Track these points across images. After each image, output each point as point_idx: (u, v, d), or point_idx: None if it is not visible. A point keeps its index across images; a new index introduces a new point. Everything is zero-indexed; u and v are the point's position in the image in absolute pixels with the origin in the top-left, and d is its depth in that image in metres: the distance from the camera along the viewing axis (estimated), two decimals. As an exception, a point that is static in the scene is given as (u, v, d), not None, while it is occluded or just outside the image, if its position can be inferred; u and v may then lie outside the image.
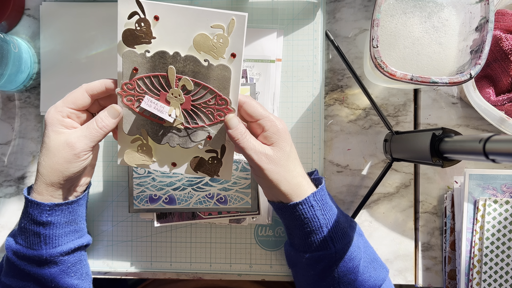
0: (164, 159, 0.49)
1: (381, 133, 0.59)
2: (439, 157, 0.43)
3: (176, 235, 0.60)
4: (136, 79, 0.45)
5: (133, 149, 0.48)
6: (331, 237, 0.46)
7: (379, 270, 0.50)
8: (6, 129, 0.62)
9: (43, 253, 0.48)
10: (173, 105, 0.45)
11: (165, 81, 0.45)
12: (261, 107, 0.46)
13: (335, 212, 0.48)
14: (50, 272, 0.49)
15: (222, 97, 0.45)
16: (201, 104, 0.45)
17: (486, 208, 0.54)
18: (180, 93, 0.45)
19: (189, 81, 0.44)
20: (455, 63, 0.49)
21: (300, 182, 0.46)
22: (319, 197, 0.46)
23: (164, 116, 0.45)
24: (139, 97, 0.45)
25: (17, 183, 0.62)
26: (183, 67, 0.44)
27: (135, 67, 0.44)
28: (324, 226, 0.46)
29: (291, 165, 0.46)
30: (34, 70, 0.60)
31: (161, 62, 0.44)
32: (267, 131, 0.45)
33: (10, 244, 0.49)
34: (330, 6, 0.60)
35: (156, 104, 0.45)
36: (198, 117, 0.46)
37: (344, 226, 0.48)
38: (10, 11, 0.58)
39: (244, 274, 0.60)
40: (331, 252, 0.47)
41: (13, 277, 0.49)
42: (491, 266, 0.54)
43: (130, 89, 0.45)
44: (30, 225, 0.47)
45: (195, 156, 0.48)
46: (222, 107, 0.45)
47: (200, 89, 0.45)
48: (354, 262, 0.47)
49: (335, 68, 0.60)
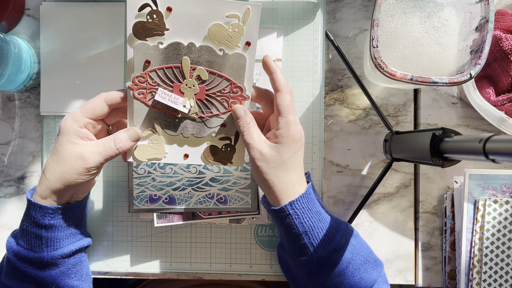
0: (176, 151, 0.48)
1: (381, 133, 0.59)
2: (439, 157, 0.43)
3: (176, 235, 0.60)
4: (148, 72, 0.45)
5: (144, 143, 0.48)
6: (311, 244, 0.46)
7: (371, 271, 0.49)
8: (6, 129, 0.62)
9: (44, 255, 0.48)
10: (187, 96, 0.46)
11: (178, 72, 0.45)
12: (290, 105, 0.45)
13: (321, 218, 0.48)
14: (51, 274, 0.49)
15: (237, 85, 0.45)
16: (216, 93, 0.46)
17: (486, 208, 0.54)
18: (195, 84, 0.45)
19: (204, 70, 0.45)
20: (455, 63, 0.49)
21: (287, 188, 0.46)
22: (298, 205, 0.46)
23: (178, 107, 0.45)
24: (151, 89, 0.45)
25: (17, 183, 0.62)
26: (198, 57, 0.45)
27: (147, 59, 0.44)
28: (303, 233, 0.46)
29: (283, 172, 0.45)
30: (34, 70, 0.60)
31: (175, 54, 0.44)
32: (278, 130, 0.45)
33: (11, 246, 0.49)
34: (330, 6, 0.60)
35: (170, 96, 0.45)
36: (212, 106, 0.46)
37: (331, 232, 0.48)
38: (10, 11, 0.58)
39: (244, 274, 0.60)
40: (313, 258, 0.47)
41: (14, 278, 0.49)
42: (491, 266, 0.54)
43: (141, 82, 0.45)
44: (32, 228, 0.47)
45: (208, 145, 0.48)
46: (237, 94, 0.46)
47: (215, 78, 0.45)
48: (341, 267, 0.47)
49: (335, 68, 0.60)
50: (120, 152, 0.46)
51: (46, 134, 0.60)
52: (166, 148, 0.48)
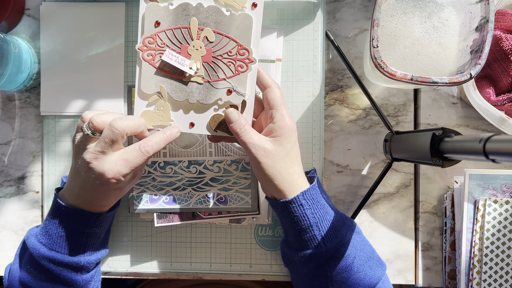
0: (182, 119, 0.48)
1: (381, 133, 0.59)
2: (439, 157, 0.43)
3: (176, 235, 0.60)
4: (158, 33, 0.45)
5: (150, 109, 0.48)
6: (321, 236, 0.47)
7: (375, 268, 0.50)
8: (6, 129, 0.62)
9: (82, 260, 0.49)
10: (194, 58, 0.46)
11: (187, 33, 0.45)
12: (281, 98, 0.47)
13: (328, 211, 0.48)
14: (83, 277, 0.50)
15: (243, 47, 0.46)
16: (222, 56, 0.46)
17: (486, 208, 0.54)
18: (202, 45, 0.46)
19: (211, 32, 0.45)
20: (455, 63, 0.49)
21: (295, 179, 0.47)
22: (309, 195, 0.47)
23: (185, 68, 0.46)
24: (159, 51, 0.46)
25: (17, 183, 0.62)
26: (206, 18, 0.45)
27: (157, 20, 0.45)
28: (314, 225, 0.46)
29: (288, 163, 0.46)
30: (34, 70, 0.60)
31: (184, 14, 0.45)
32: (274, 124, 0.45)
33: (41, 252, 0.48)
34: (330, 6, 0.60)
35: (177, 57, 0.46)
36: (218, 69, 0.46)
37: (337, 225, 0.48)
38: (10, 11, 0.58)
39: (244, 274, 0.60)
40: (322, 251, 0.47)
41: (43, 281, 0.49)
42: (491, 266, 0.54)
43: (150, 43, 0.46)
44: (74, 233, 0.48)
45: (214, 114, 0.48)
46: (244, 57, 0.46)
47: (222, 40, 0.46)
48: (347, 261, 0.47)
49: (335, 68, 0.60)
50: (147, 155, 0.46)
51: (46, 134, 0.60)
52: (172, 115, 0.48)
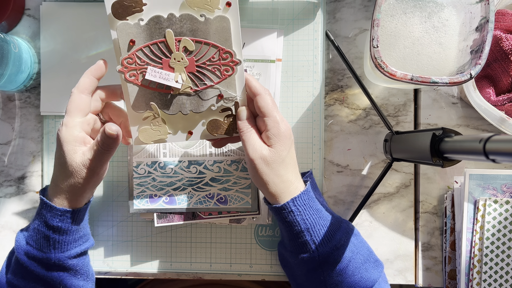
0: (179, 130, 0.48)
1: (381, 133, 0.59)
2: (439, 157, 0.43)
3: (176, 235, 0.60)
4: (135, 52, 0.44)
5: (146, 126, 0.47)
6: (313, 241, 0.47)
7: (371, 270, 0.50)
8: (6, 129, 0.62)
9: (52, 256, 0.48)
10: (177, 70, 0.44)
11: (164, 47, 0.44)
12: (272, 105, 0.46)
13: (322, 215, 0.48)
14: (59, 274, 0.50)
15: (225, 50, 0.44)
16: (206, 62, 0.44)
17: (486, 208, 0.54)
18: (183, 56, 0.44)
19: (189, 41, 0.43)
20: (455, 63, 0.49)
21: (287, 186, 0.47)
22: (300, 201, 0.47)
23: (170, 83, 0.44)
24: (141, 70, 0.44)
25: (17, 183, 0.62)
26: (181, 28, 0.43)
27: (131, 39, 0.43)
28: (305, 230, 0.47)
29: (283, 170, 0.46)
30: (34, 70, 0.60)
31: (157, 28, 0.43)
32: (268, 131, 0.45)
33: (20, 243, 0.49)
34: (330, 6, 0.60)
35: (160, 73, 0.44)
36: (205, 77, 0.45)
37: (332, 229, 0.48)
38: (10, 11, 0.58)
39: (244, 274, 0.60)
40: (314, 256, 0.47)
41: (22, 277, 0.50)
42: (491, 266, 0.54)
43: (130, 63, 0.44)
44: (42, 227, 0.48)
45: (210, 119, 0.47)
46: (227, 61, 0.44)
47: (202, 47, 0.44)
48: (342, 265, 0.47)
49: (335, 68, 0.60)
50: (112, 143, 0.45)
51: (46, 134, 0.60)
52: (169, 128, 0.47)
